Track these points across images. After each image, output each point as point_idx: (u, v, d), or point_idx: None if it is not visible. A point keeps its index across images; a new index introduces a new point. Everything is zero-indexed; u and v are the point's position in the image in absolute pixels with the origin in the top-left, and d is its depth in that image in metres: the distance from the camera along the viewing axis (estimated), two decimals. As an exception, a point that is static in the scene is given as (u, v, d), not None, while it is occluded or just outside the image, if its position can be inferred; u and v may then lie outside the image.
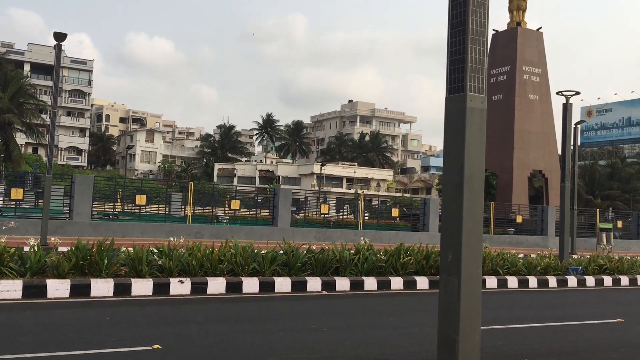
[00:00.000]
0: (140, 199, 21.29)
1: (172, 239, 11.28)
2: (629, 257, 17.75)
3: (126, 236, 18.94)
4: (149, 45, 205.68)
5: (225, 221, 25.42)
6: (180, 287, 10.15)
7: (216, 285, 10.44)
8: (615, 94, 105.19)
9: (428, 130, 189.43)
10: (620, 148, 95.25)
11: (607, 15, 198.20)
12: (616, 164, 76.34)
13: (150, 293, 9.86)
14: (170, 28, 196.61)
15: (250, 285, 10.74)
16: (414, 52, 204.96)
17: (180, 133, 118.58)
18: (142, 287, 9.86)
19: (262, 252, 11.52)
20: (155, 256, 10.65)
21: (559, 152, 33.44)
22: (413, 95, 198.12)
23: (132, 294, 9.71)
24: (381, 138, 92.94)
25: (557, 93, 19.34)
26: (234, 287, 10.58)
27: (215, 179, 73.73)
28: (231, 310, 9.26)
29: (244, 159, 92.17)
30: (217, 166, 78.79)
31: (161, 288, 10.01)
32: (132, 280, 9.88)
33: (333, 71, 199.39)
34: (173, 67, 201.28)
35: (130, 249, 10.45)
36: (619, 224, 33.84)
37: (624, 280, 15.95)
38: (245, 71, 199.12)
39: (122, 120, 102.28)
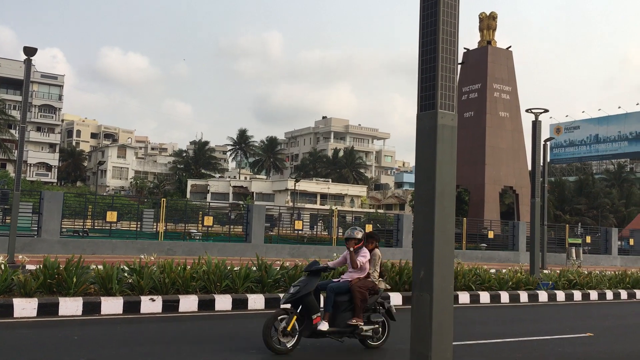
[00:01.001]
0: (111, 216, 20.99)
1: (143, 256, 11.12)
2: (597, 272, 18.05)
3: (96, 253, 18.61)
4: (124, 61, 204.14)
5: (198, 238, 25.18)
6: (151, 305, 9.99)
7: (188, 303, 10.30)
8: (583, 112, 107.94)
9: (402, 146, 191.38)
10: (588, 164, 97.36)
11: (575, 36, 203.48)
12: (584, 180, 77.94)
13: (121, 311, 9.68)
14: (146, 44, 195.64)
15: (223, 302, 10.63)
16: (388, 70, 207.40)
17: (153, 149, 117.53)
18: (112, 305, 9.68)
19: (235, 269, 11.42)
20: (126, 274, 10.48)
21: (529, 168, 34.05)
22: (387, 112, 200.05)
23: (102, 312, 9.52)
24: (355, 154, 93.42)
25: (527, 110, 19.73)
26: (206, 304, 10.46)
27: (188, 195, 73.11)
28: (203, 328, 9.14)
29: (217, 175, 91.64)
30: (190, 182, 78.18)
31: (132, 306, 9.84)
32: (102, 298, 9.70)
33: (308, 88, 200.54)
34: (148, 83, 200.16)
35: (100, 267, 10.27)
36: (588, 239, 34.46)
37: (593, 294, 16.21)
38: (221, 87, 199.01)
39: (94, 135, 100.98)
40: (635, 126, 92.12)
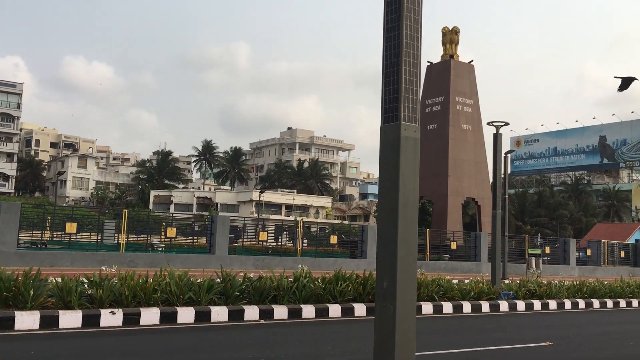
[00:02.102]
0: (71, 227, 20.51)
1: (104, 268, 10.90)
2: (556, 282, 18.44)
3: (55, 266, 18.14)
4: (88, 70, 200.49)
5: (160, 249, 24.79)
6: (111, 318, 9.78)
7: (150, 316, 10.12)
8: (542, 125, 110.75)
9: (367, 158, 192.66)
10: (547, 177, 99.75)
11: (534, 52, 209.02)
12: (544, 192, 79.80)
13: (80, 325, 9.45)
14: (111, 53, 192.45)
15: (186, 315, 10.48)
16: (354, 82, 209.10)
17: (115, 159, 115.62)
18: (70, 319, 9.43)
19: (199, 280, 11.28)
20: (86, 286, 10.24)
21: (491, 180, 34.68)
22: (353, 124, 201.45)
23: (60, 326, 9.27)
24: (320, 165, 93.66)
25: (488, 123, 20.14)
26: (168, 317, 10.30)
27: (151, 206, 72.02)
28: (164, 341, 8.99)
29: (181, 186, 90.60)
30: (153, 193, 77.06)
31: (91, 320, 9.61)
32: (60, 312, 9.45)
33: (275, 99, 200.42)
34: (112, 93, 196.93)
35: (59, 279, 10.01)
36: (547, 249, 35.19)
37: (552, 304, 16.54)
38: (187, 98, 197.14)
39: (53, 145, 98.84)
40: (591, 140, 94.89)
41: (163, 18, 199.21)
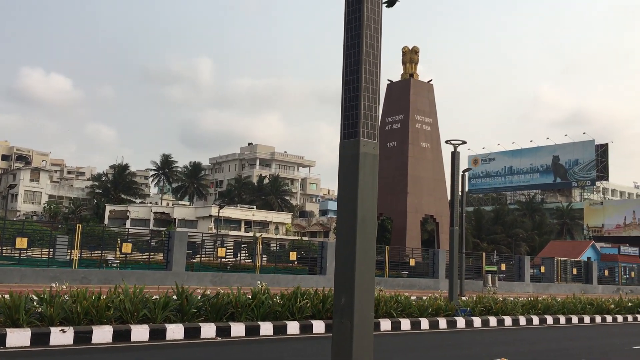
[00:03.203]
0: (21, 242, 19.82)
1: (54, 285, 10.55)
2: (511, 299, 18.76)
3: (3, 282, 17.48)
4: (45, 82, 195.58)
5: (115, 265, 24.19)
6: (61, 336, 9.45)
7: (102, 334, 9.83)
8: (498, 145, 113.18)
9: (328, 175, 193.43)
10: (503, 195, 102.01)
11: (492, 73, 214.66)
12: (500, 210, 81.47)
13: (28, 344, 9.09)
14: (70, 66, 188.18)
15: (140, 333, 10.21)
16: (317, 99, 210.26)
17: (69, 172, 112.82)
18: (18, 337, 9.07)
19: (154, 297, 11.03)
20: (35, 303, 9.88)
21: (449, 197, 35.24)
22: (314, 141, 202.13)
23: (7, 345, 8.90)
24: (280, 181, 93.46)
25: (446, 142, 20.48)
26: (122, 335, 10.01)
27: (106, 221, 70.42)
28: (118, 360, 8.73)
29: (138, 201, 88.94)
30: (108, 208, 75.39)
31: (40, 338, 9.27)
32: (8, 330, 9.08)
33: (237, 115, 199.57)
34: (70, 106, 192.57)
35: (7, 296, 9.63)
36: (503, 266, 35.84)
37: (508, 320, 16.81)
38: (148, 112, 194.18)
39: (5, 157, 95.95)
40: (545, 159, 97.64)
41: (126, 31, 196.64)
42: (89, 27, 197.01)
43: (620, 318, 20.68)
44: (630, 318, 21.13)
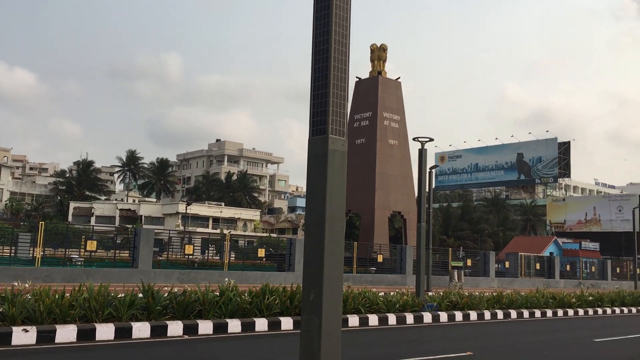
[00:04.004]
0: (-19, 240, 19.31)
1: (16, 284, 10.31)
2: (477, 294, 19.06)
3: (-38, 281, 17.00)
4: (9, 76, 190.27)
5: (79, 263, 23.75)
6: (24, 336, 9.24)
7: (66, 333, 9.64)
8: (465, 142, 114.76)
9: (298, 171, 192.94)
10: (469, 191, 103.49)
11: (459, 72, 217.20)
12: (466, 207, 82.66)
13: (-12, 344, 8.87)
14: (34, 60, 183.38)
15: (105, 332, 10.06)
16: (287, 97, 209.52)
17: (32, 169, 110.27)
18: (-22, 338, 8.84)
19: (120, 295, 10.87)
20: (-4, 303, 9.65)
21: (416, 194, 35.55)
22: (284, 138, 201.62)
23: (-34, 346, 8.67)
24: (249, 178, 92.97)
25: (414, 139, 20.67)
26: (86, 334, 9.84)
27: (70, 219, 69.05)
28: None
29: (103, 198, 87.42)
30: (72, 205, 73.89)
31: (2, 338, 9.05)
32: (-34, 330, 8.85)
33: (206, 111, 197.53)
34: (34, 101, 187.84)
35: (-34, 296, 9.39)
36: (469, 262, 36.38)
37: (473, 315, 17.08)
38: (114, 108, 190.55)
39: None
40: (509, 156, 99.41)
41: (92, 25, 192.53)
42: (54, 20, 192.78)
43: (581, 312, 21.22)
44: (591, 311, 21.70)
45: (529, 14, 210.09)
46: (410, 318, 15.23)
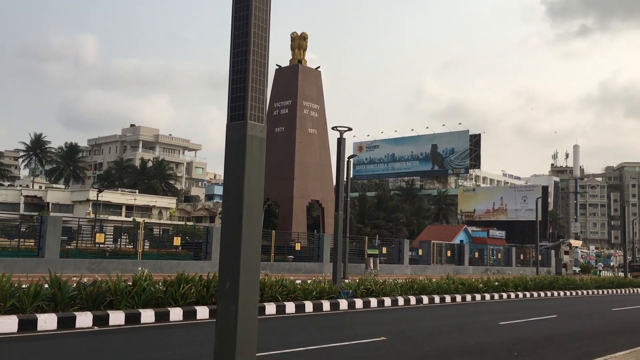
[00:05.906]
0: None
1: None
2: (391, 280, 19.59)
3: None
4: None
5: (-21, 253, 22.31)
6: None
7: (-37, 327, 9.03)
8: (382, 133, 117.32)
9: (217, 159, 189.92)
10: (385, 181, 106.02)
11: (379, 64, 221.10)
12: (382, 196, 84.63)
13: None
14: None
15: (7, 324, 9.50)
16: (208, 84, 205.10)
17: None
18: None
19: (24, 286, 10.30)
20: None
21: (334, 183, 35.95)
22: (204, 125, 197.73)
23: None
24: (165, 165, 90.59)
25: (333, 128, 20.87)
26: (-15, 327, 9.25)
27: (-31, 205, 64.68)
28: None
29: (7, 184, 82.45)
30: (-28, 190, 69.26)
31: None
32: None
33: (123, 96, 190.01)
34: None
35: None
36: (384, 250, 37.31)
37: (387, 301, 17.54)
38: (22, 90, 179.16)
39: None
40: (424, 147, 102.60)
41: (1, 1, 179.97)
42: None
43: (488, 296, 22.32)
44: (496, 296, 22.88)
45: (448, 10, 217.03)
46: (326, 305, 15.42)
